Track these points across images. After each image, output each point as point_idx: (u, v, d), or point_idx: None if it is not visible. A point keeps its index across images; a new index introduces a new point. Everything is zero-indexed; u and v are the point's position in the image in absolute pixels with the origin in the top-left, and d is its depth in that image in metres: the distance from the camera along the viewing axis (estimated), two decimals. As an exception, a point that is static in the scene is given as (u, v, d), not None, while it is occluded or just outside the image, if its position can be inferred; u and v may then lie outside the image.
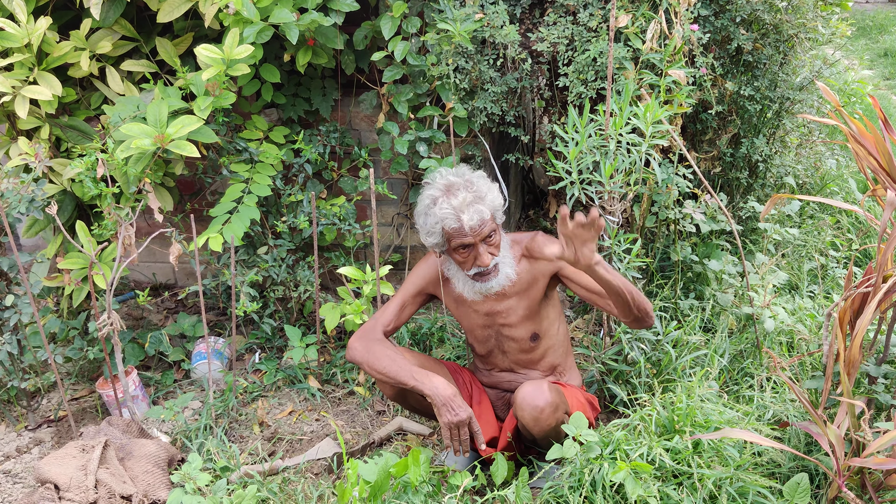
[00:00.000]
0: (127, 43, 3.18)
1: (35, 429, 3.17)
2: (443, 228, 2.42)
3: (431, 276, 2.68)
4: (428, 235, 2.48)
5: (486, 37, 3.25)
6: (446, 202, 2.39)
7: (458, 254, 2.47)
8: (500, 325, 2.65)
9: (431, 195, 2.45)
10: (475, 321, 2.68)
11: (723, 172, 3.73)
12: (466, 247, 2.43)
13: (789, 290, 3.69)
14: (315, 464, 2.89)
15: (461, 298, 2.64)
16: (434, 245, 2.50)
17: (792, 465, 2.40)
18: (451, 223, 2.39)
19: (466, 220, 2.37)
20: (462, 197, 2.38)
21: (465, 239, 2.40)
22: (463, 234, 2.40)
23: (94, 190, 2.89)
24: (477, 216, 2.37)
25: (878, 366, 2.41)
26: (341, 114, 3.68)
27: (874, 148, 2.17)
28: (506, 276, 2.52)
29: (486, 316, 2.65)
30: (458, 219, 2.37)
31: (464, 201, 2.38)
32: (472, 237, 2.40)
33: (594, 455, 2.28)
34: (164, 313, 3.94)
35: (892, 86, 7.88)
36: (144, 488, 2.66)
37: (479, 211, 2.38)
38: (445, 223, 2.40)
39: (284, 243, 3.40)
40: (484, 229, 2.41)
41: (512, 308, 2.62)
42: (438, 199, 2.42)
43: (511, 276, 2.53)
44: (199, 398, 3.33)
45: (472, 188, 2.42)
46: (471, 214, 2.37)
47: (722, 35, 3.34)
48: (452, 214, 2.38)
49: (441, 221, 2.40)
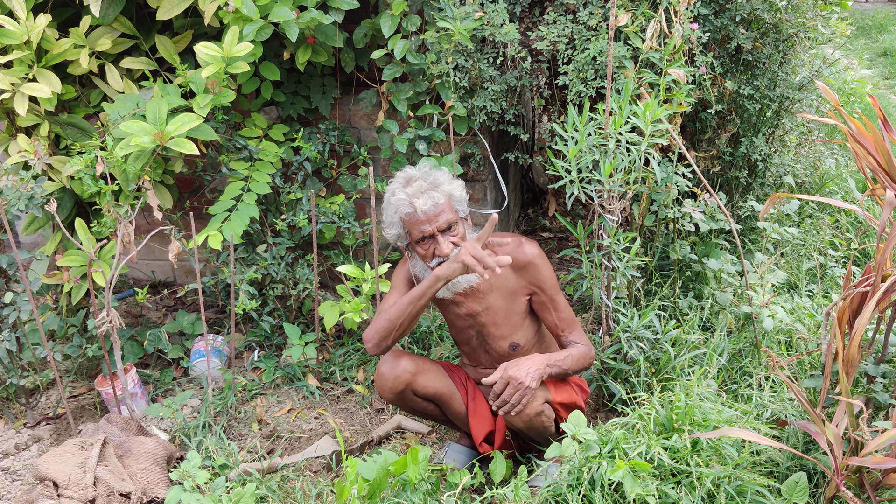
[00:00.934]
0: (126, 40, 3.18)
1: (34, 426, 3.17)
2: (400, 217, 2.45)
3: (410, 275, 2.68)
4: (389, 227, 2.51)
5: (486, 35, 3.25)
6: (402, 191, 2.44)
7: (419, 246, 2.47)
8: (481, 325, 2.66)
9: (391, 188, 2.49)
10: (457, 321, 2.70)
11: (722, 171, 3.73)
12: (426, 238, 2.45)
13: (788, 289, 3.70)
14: (314, 462, 2.89)
15: (438, 298, 2.64)
16: (396, 237, 2.52)
17: (790, 464, 2.40)
18: (406, 208, 2.41)
19: (420, 205, 2.38)
20: (417, 185, 2.42)
21: (423, 226, 2.41)
22: (418, 220, 2.41)
23: (94, 187, 2.88)
24: (430, 201, 2.39)
25: (876, 365, 2.41)
26: (341, 112, 3.68)
27: (873, 147, 2.17)
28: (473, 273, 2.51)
29: (468, 317, 2.65)
30: (412, 204, 2.40)
31: (418, 189, 2.41)
32: (428, 224, 2.41)
33: (593, 454, 2.28)
34: (163, 311, 3.94)
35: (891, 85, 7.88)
36: (143, 486, 2.66)
37: (433, 196, 2.40)
38: (401, 210, 2.43)
39: (284, 241, 3.40)
40: (441, 217, 2.41)
41: (491, 311, 2.62)
42: (396, 190, 2.47)
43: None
44: (197, 396, 3.33)
45: (429, 178, 2.46)
46: (424, 200, 2.39)
47: (722, 34, 3.34)
48: (406, 200, 2.41)
49: (397, 210, 2.44)
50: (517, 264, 2.58)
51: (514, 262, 2.57)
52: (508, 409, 2.40)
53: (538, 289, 2.61)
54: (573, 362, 2.57)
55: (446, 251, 2.43)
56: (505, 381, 2.40)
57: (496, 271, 2.34)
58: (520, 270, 2.59)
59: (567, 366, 2.55)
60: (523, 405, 2.39)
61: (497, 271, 2.34)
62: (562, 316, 2.65)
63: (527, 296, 2.64)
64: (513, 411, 2.40)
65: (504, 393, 2.39)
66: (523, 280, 2.61)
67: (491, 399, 2.43)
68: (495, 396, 2.42)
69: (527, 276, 2.60)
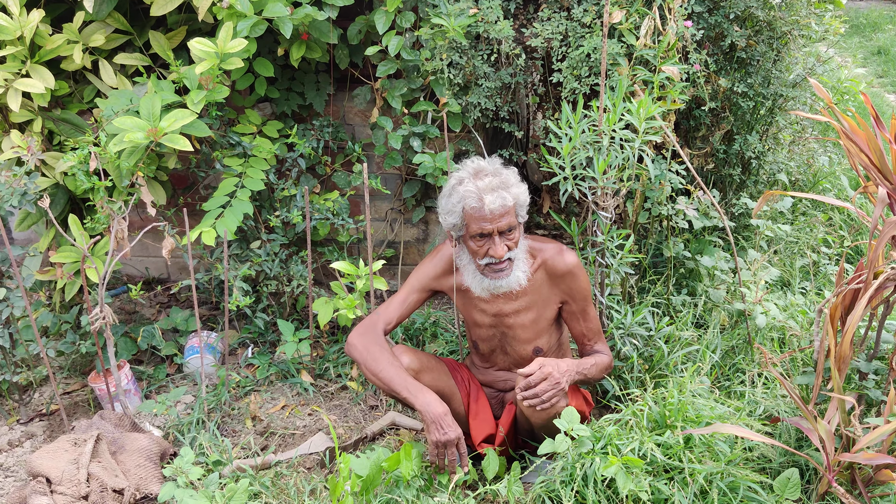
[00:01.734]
0: (120, 36, 3.17)
1: (27, 422, 3.17)
2: (463, 208, 2.41)
3: (438, 271, 2.66)
4: (448, 215, 2.46)
5: (481, 32, 3.25)
6: (472, 182, 2.40)
7: (473, 241, 2.45)
8: (507, 327, 2.65)
9: (459, 176, 2.46)
10: (481, 319, 2.67)
11: (716, 169, 3.74)
12: (483, 235, 2.42)
13: (781, 286, 3.71)
14: (307, 458, 2.89)
15: (470, 294, 2.63)
16: (451, 227, 2.48)
17: (782, 460, 2.41)
18: (472, 202, 2.38)
19: (488, 202, 2.35)
20: (488, 181, 2.39)
21: (484, 224, 2.39)
22: (482, 217, 2.38)
23: (87, 183, 2.88)
24: (499, 201, 2.36)
25: (868, 362, 2.42)
26: (335, 108, 3.68)
27: (866, 145, 2.17)
28: (516, 279, 2.50)
29: (494, 316, 2.64)
30: (480, 198, 2.36)
31: (489, 184, 2.38)
32: (490, 223, 2.38)
33: (586, 450, 2.29)
34: (157, 308, 3.94)
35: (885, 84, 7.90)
36: (136, 482, 2.66)
37: (503, 197, 2.37)
38: (466, 202, 2.39)
39: (278, 238, 3.40)
40: (504, 219, 2.39)
41: (520, 314, 2.61)
42: (465, 179, 2.43)
43: (522, 280, 2.51)
44: (191, 392, 3.33)
45: (500, 175, 2.43)
46: (493, 197, 2.36)
47: (716, 32, 3.35)
48: (475, 194, 2.37)
49: (463, 200, 2.40)
50: (554, 272, 2.57)
51: (551, 269, 2.57)
52: (537, 404, 2.37)
53: (571, 299, 2.61)
54: (597, 371, 2.59)
55: (501, 253, 2.42)
56: (542, 376, 2.38)
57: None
58: (556, 279, 2.58)
59: (592, 374, 2.57)
60: (552, 404, 2.37)
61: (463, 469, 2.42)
62: (590, 326, 2.66)
63: (558, 304, 2.64)
64: (540, 406, 2.37)
65: (539, 387, 2.37)
66: (558, 288, 2.60)
67: (519, 389, 2.40)
68: (526, 388, 2.39)
69: (562, 286, 2.59)
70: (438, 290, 2.68)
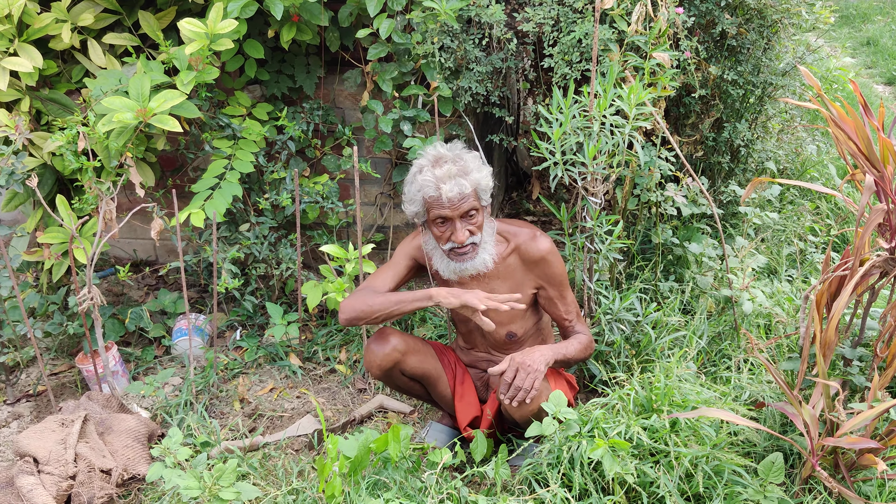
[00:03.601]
0: (109, 16, 3.15)
1: (14, 403, 3.16)
2: (423, 197, 2.44)
3: (417, 245, 2.67)
4: (409, 203, 2.49)
5: (472, 16, 3.24)
6: (430, 171, 2.41)
7: (436, 227, 2.47)
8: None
9: (419, 164, 2.47)
10: None
11: (705, 156, 3.75)
12: (445, 220, 2.44)
13: (768, 273, 3.73)
14: (296, 440, 2.90)
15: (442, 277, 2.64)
16: (414, 214, 2.51)
17: (767, 444, 2.44)
18: (430, 191, 2.40)
19: (445, 191, 2.37)
20: (447, 168, 2.39)
21: (443, 210, 2.40)
22: (441, 205, 2.40)
23: (75, 164, 2.86)
24: (457, 188, 2.38)
25: (853, 348, 2.45)
26: (325, 91, 3.67)
27: (854, 132, 2.18)
28: (482, 262, 2.51)
29: None
30: (438, 188, 2.38)
31: (447, 172, 2.39)
32: (449, 209, 2.40)
33: (573, 433, 2.31)
34: (145, 289, 3.93)
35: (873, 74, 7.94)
36: (124, 462, 2.66)
37: (460, 184, 2.38)
38: (425, 191, 2.41)
39: (267, 220, 3.39)
40: (463, 204, 2.40)
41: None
42: (424, 167, 2.44)
43: (488, 262, 2.52)
44: (179, 374, 3.33)
45: (459, 162, 2.43)
46: (451, 186, 2.37)
47: (707, 19, 3.35)
48: (433, 183, 2.39)
49: (421, 189, 2.42)
50: (528, 258, 2.57)
51: (525, 255, 2.57)
52: (522, 397, 2.36)
53: (547, 284, 2.62)
54: (576, 352, 2.59)
55: (462, 238, 2.43)
56: (515, 368, 2.39)
57: (489, 326, 2.43)
58: (530, 265, 2.59)
59: (571, 354, 2.57)
60: (537, 389, 2.37)
61: (490, 327, 2.42)
62: (569, 309, 2.67)
63: (533, 289, 2.64)
64: (528, 398, 2.36)
65: (516, 378, 2.37)
66: (532, 274, 2.61)
67: (501, 391, 2.40)
68: (506, 385, 2.38)
69: (536, 271, 2.60)
70: (420, 262, 2.70)
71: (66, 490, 2.48)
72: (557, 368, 2.65)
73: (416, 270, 2.73)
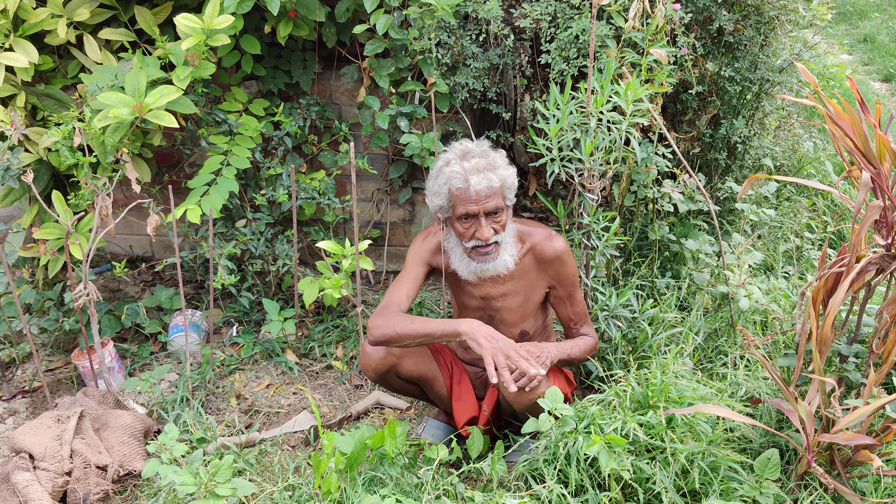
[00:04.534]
0: (105, 11, 3.14)
1: (9, 399, 3.16)
2: (449, 189, 2.41)
3: (432, 247, 2.65)
4: (434, 196, 2.47)
5: (469, 12, 3.24)
6: (458, 164, 2.40)
7: (459, 223, 2.45)
8: (494, 310, 2.65)
9: (446, 157, 2.46)
10: (469, 302, 2.68)
11: (702, 153, 3.75)
12: (469, 217, 2.42)
13: (765, 270, 3.73)
14: (292, 436, 2.90)
15: (458, 277, 2.62)
16: (438, 208, 2.48)
17: (763, 440, 2.44)
18: (458, 183, 2.38)
19: (474, 184, 2.35)
20: (475, 162, 2.39)
21: (470, 205, 2.38)
22: (468, 198, 2.38)
23: (71, 159, 2.86)
24: (485, 182, 2.36)
25: (849, 345, 2.45)
26: (322, 87, 3.66)
27: (850, 129, 2.19)
28: (503, 263, 2.50)
29: (482, 299, 2.65)
30: (466, 180, 2.36)
31: (475, 166, 2.38)
32: (476, 204, 2.38)
33: (569, 429, 2.30)
34: (141, 286, 3.92)
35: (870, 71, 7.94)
36: (120, 458, 2.66)
37: (489, 178, 2.37)
38: (452, 183, 2.39)
39: (263, 217, 3.39)
40: (490, 201, 2.39)
41: (508, 297, 2.62)
42: (452, 160, 2.43)
43: (509, 264, 2.51)
44: (175, 370, 3.32)
45: (488, 157, 2.43)
46: (479, 179, 2.36)
47: (704, 15, 3.35)
48: (461, 175, 2.37)
49: (449, 181, 2.40)
50: (543, 258, 2.57)
51: (539, 255, 2.57)
52: (524, 384, 2.35)
53: (559, 284, 2.62)
54: (580, 352, 2.61)
55: (487, 235, 2.42)
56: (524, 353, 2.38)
57: (510, 389, 2.31)
58: (544, 264, 2.59)
59: (575, 354, 2.59)
60: (538, 381, 2.37)
61: (512, 389, 2.31)
62: (577, 310, 2.67)
63: (546, 288, 2.65)
64: (527, 387, 2.35)
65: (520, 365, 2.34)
66: (546, 273, 2.61)
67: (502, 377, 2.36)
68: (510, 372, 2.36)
69: (550, 271, 2.60)
70: (434, 266, 2.67)
71: (61, 486, 2.48)
72: (554, 369, 2.66)
73: (430, 272, 2.71)
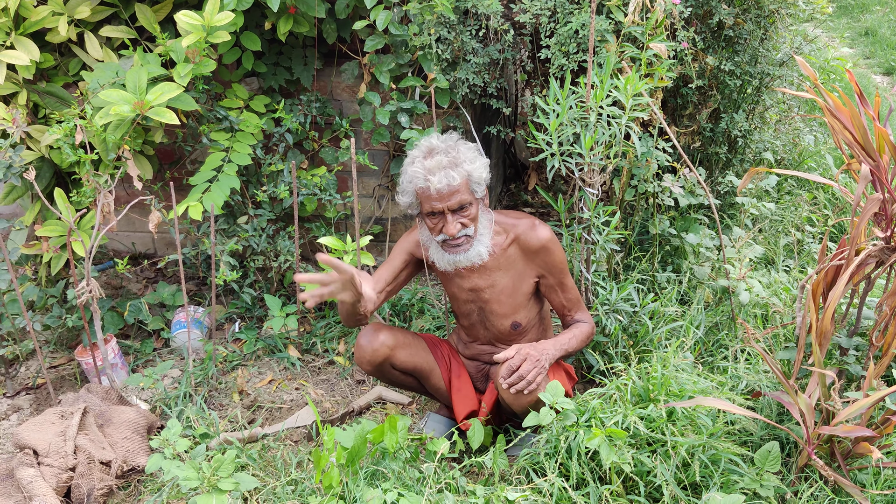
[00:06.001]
0: (106, 8, 3.14)
1: (13, 396, 3.17)
2: (413, 188, 2.44)
3: (414, 240, 2.68)
4: (403, 195, 2.50)
5: (469, 7, 3.24)
6: (421, 162, 2.41)
7: (428, 219, 2.48)
8: (484, 301, 2.65)
9: (412, 155, 2.47)
10: (459, 294, 2.69)
11: (702, 147, 3.75)
12: (435, 214, 2.44)
13: (765, 264, 3.74)
14: (294, 432, 2.91)
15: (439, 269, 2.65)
16: (407, 205, 2.51)
17: (763, 433, 2.45)
18: (420, 183, 2.40)
19: (435, 182, 2.36)
20: (437, 160, 2.38)
21: (434, 203, 2.40)
22: (430, 197, 2.40)
23: (73, 157, 2.86)
24: (446, 180, 2.36)
25: (849, 338, 2.45)
26: (322, 84, 3.66)
27: (849, 122, 2.19)
28: (477, 254, 2.51)
29: (470, 291, 2.65)
30: (427, 179, 2.38)
31: (437, 164, 2.38)
32: (440, 202, 2.39)
33: (570, 423, 2.31)
34: (144, 282, 3.93)
35: (871, 65, 7.93)
36: (124, 454, 2.67)
37: (449, 175, 2.37)
38: (415, 182, 2.42)
39: (265, 213, 3.40)
40: (454, 198, 2.39)
41: (496, 288, 2.62)
42: (416, 158, 2.44)
43: (483, 255, 2.52)
44: (178, 367, 3.33)
45: (451, 153, 2.41)
46: (439, 177, 2.36)
47: (703, 9, 3.35)
48: (422, 174, 2.39)
49: (412, 181, 2.43)
50: (528, 248, 2.58)
51: (525, 245, 2.58)
52: (523, 387, 2.36)
53: (548, 273, 2.62)
54: (578, 343, 2.62)
55: (453, 231, 2.43)
56: (522, 358, 2.39)
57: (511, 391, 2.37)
58: (530, 254, 2.59)
59: (573, 347, 2.60)
60: (538, 383, 2.37)
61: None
62: (569, 296, 2.68)
63: (535, 278, 2.65)
64: (526, 389, 2.36)
65: (521, 368, 2.36)
66: (533, 264, 2.61)
67: (503, 376, 2.38)
68: (509, 371, 2.38)
69: (537, 260, 2.60)
70: (419, 257, 2.70)
71: (65, 482, 2.49)
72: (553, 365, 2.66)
73: (415, 266, 2.72)
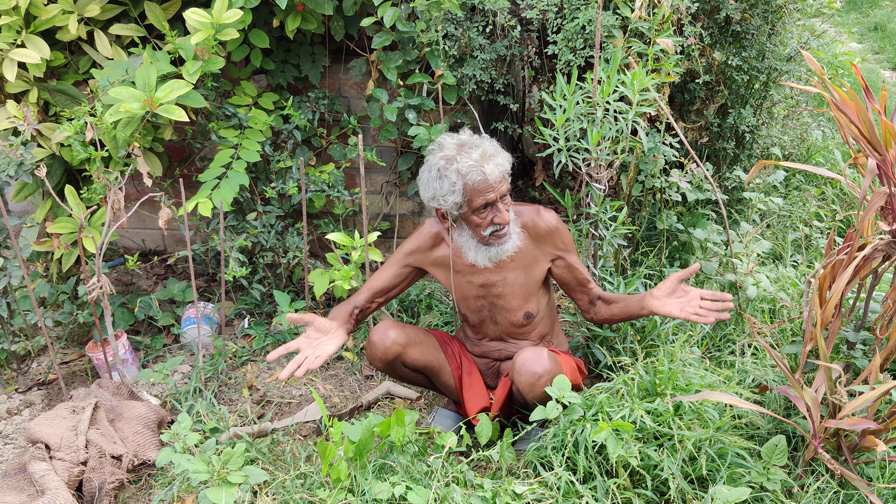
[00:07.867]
0: (115, 6, 3.16)
1: (25, 391, 3.20)
2: (465, 185, 2.37)
3: (415, 247, 2.66)
4: (448, 195, 2.40)
5: (476, 3, 3.25)
6: (467, 157, 2.37)
7: (477, 214, 2.44)
8: (495, 296, 2.65)
9: (444, 156, 2.41)
10: (469, 292, 2.68)
11: (709, 142, 3.76)
12: (487, 206, 2.42)
13: (773, 259, 3.74)
14: (303, 426, 2.93)
15: (457, 268, 2.63)
16: (453, 206, 2.43)
17: (770, 427, 2.45)
18: (476, 176, 2.35)
19: (490, 171, 2.35)
20: (481, 151, 2.38)
21: (489, 194, 2.38)
22: (488, 187, 2.38)
23: (83, 154, 2.89)
24: (499, 169, 2.38)
25: (856, 332, 2.46)
26: (330, 81, 3.68)
27: (856, 116, 2.19)
28: (513, 245, 2.53)
29: (482, 287, 2.65)
30: (482, 170, 2.35)
31: (484, 154, 2.37)
32: (494, 192, 2.39)
33: (577, 417, 2.33)
34: (154, 279, 3.96)
35: (880, 60, 7.90)
36: (134, 448, 2.70)
37: (500, 164, 2.39)
38: (469, 177, 2.36)
39: (273, 209, 3.42)
40: (503, 184, 2.41)
41: (508, 281, 2.62)
42: (454, 157, 2.38)
43: (517, 244, 2.54)
44: (188, 362, 3.36)
45: (485, 143, 2.43)
46: (492, 167, 2.36)
47: (711, 4, 3.35)
48: (476, 167, 2.35)
49: (464, 177, 2.36)
50: (537, 234, 2.58)
51: (533, 231, 2.58)
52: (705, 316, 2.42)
53: (562, 253, 2.63)
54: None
55: (507, 218, 2.44)
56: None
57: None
58: (540, 239, 2.60)
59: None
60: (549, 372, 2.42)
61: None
62: (583, 271, 2.69)
63: (549, 263, 2.65)
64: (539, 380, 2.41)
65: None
66: (545, 248, 2.62)
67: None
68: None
69: (548, 245, 2.61)
70: (418, 266, 2.68)
71: (77, 475, 2.51)
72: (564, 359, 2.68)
73: (414, 276, 2.72)
